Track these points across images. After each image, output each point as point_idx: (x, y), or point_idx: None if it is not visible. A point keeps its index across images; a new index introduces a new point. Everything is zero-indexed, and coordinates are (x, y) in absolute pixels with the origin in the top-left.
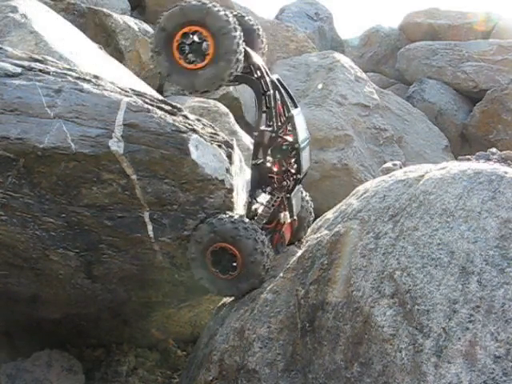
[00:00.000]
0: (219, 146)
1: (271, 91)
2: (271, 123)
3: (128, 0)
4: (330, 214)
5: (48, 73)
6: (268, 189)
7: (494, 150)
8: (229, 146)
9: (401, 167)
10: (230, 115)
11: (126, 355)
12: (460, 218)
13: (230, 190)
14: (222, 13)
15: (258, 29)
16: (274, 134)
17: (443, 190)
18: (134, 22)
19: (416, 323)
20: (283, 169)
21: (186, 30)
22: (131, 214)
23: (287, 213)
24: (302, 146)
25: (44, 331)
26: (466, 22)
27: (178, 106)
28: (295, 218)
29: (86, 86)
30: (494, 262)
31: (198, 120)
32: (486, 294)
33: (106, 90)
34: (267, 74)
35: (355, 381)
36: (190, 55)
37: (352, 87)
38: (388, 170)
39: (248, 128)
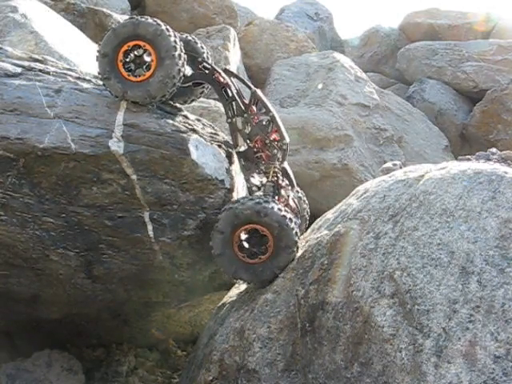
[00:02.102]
0: (219, 146)
1: (227, 80)
2: (238, 107)
3: (128, 0)
4: (329, 214)
5: (48, 73)
6: (261, 168)
7: (494, 150)
8: (229, 145)
9: (401, 167)
10: None
11: (126, 355)
12: (460, 218)
13: (230, 190)
14: (150, 20)
15: (193, 38)
16: (245, 115)
17: (443, 189)
18: None
19: (416, 323)
20: (267, 142)
21: (125, 48)
22: (131, 214)
23: (288, 188)
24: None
25: (44, 331)
26: (465, 22)
27: (178, 105)
28: (298, 190)
29: (85, 85)
30: (494, 262)
31: (198, 120)
32: (485, 294)
33: (106, 89)
34: (217, 68)
35: (355, 381)
36: (137, 70)
37: (352, 87)
38: (388, 170)
39: None
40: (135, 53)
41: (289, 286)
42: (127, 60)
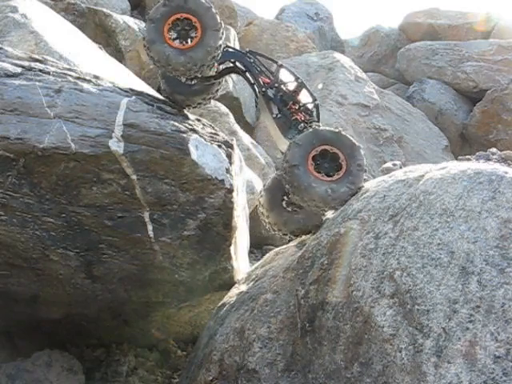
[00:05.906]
0: (219, 146)
1: (252, 58)
2: (268, 80)
3: (128, 0)
4: (329, 214)
5: (48, 73)
6: (300, 126)
7: (494, 150)
8: (229, 145)
9: (401, 167)
10: (230, 115)
11: (125, 355)
12: (460, 217)
13: (230, 190)
14: None
15: None
16: (276, 84)
17: (443, 189)
18: (133, 22)
19: (416, 323)
20: (301, 105)
21: (173, 18)
22: (131, 214)
23: None
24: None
25: (44, 331)
26: (466, 22)
27: (179, 106)
28: None
29: (85, 85)
30: (494, 262)
31: (198, 120)
32: (486, 294)
33: (106, 90)
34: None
35: (355, 381)
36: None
37: (352, 87)
38: (388, 170)
39: (248, 128)
40: (179, 24)
41: (289, 286)
42: (172, 33)
